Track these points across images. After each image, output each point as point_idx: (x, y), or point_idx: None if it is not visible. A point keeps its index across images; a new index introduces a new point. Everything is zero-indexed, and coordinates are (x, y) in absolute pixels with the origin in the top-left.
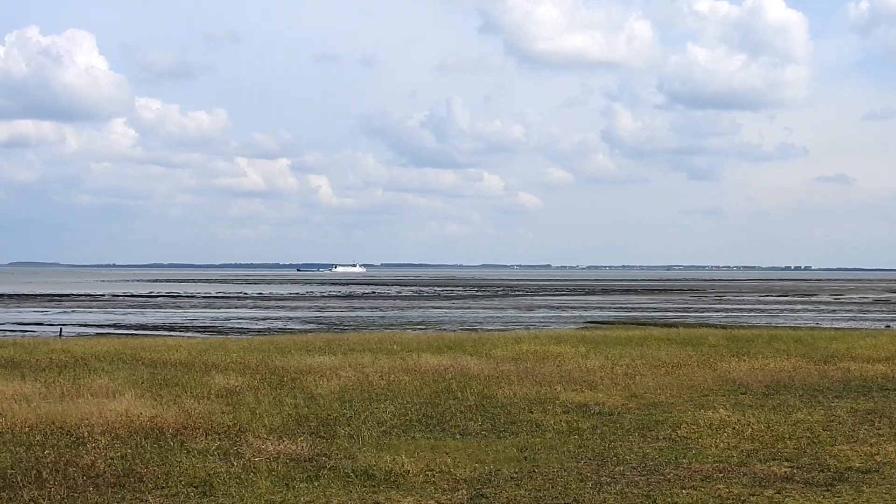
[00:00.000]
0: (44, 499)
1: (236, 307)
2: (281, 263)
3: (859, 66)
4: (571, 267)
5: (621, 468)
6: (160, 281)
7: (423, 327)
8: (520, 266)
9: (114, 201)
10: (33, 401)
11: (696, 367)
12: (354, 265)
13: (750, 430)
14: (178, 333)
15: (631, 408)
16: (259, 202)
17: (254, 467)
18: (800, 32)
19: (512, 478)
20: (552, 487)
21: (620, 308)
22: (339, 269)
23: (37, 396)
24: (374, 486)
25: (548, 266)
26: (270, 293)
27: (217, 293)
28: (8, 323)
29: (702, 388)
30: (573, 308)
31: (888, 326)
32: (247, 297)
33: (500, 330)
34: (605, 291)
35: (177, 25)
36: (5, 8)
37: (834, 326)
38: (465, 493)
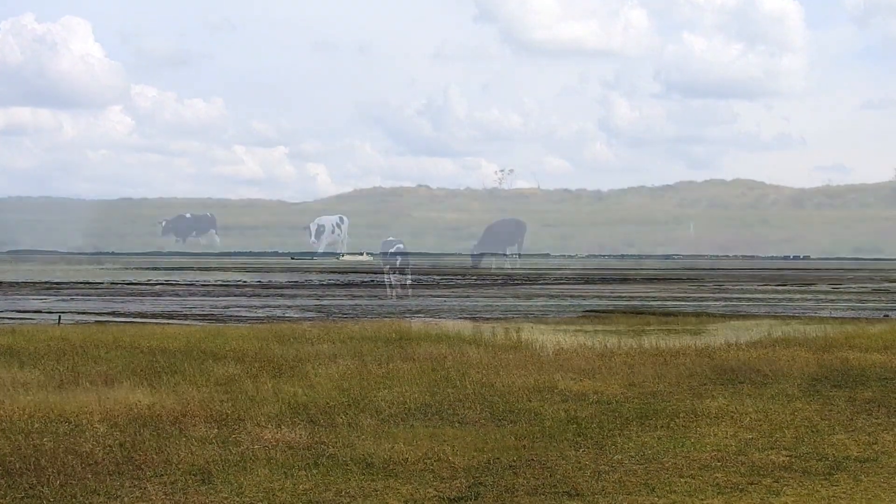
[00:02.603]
0: (42, 486)
1: (235, 295)
2: (280, 252)
3: (856, 56)
4: (570, 256)
5: (619, 457)
6: (159, 269)
7: (422, 315)
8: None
9: (112, 188)
10: (32, 388)
11: (694, 356)
12: (362, 254)
13: (748, 419)
14: (176, 321)
15: (629, 397)
16: (257, 190)
17: (252, 455)
18: (797, 22)
19: (510, 466)
20: (551, 476)
21: (619, 297)
22: (346, 257)
23: (35, 384)
24: (372, 475)
25: (547, 255)
26: (269, 281)
27: (216, 281)
28: (6, 310)
29: (700, 378)
30: (572, 297)
31: (886, 316)
32: (245, 286)
33: (498, 318)
34: (603, 280)
35: (173, 14)
36: None
37: (832, 316)
38: (463, 481)
